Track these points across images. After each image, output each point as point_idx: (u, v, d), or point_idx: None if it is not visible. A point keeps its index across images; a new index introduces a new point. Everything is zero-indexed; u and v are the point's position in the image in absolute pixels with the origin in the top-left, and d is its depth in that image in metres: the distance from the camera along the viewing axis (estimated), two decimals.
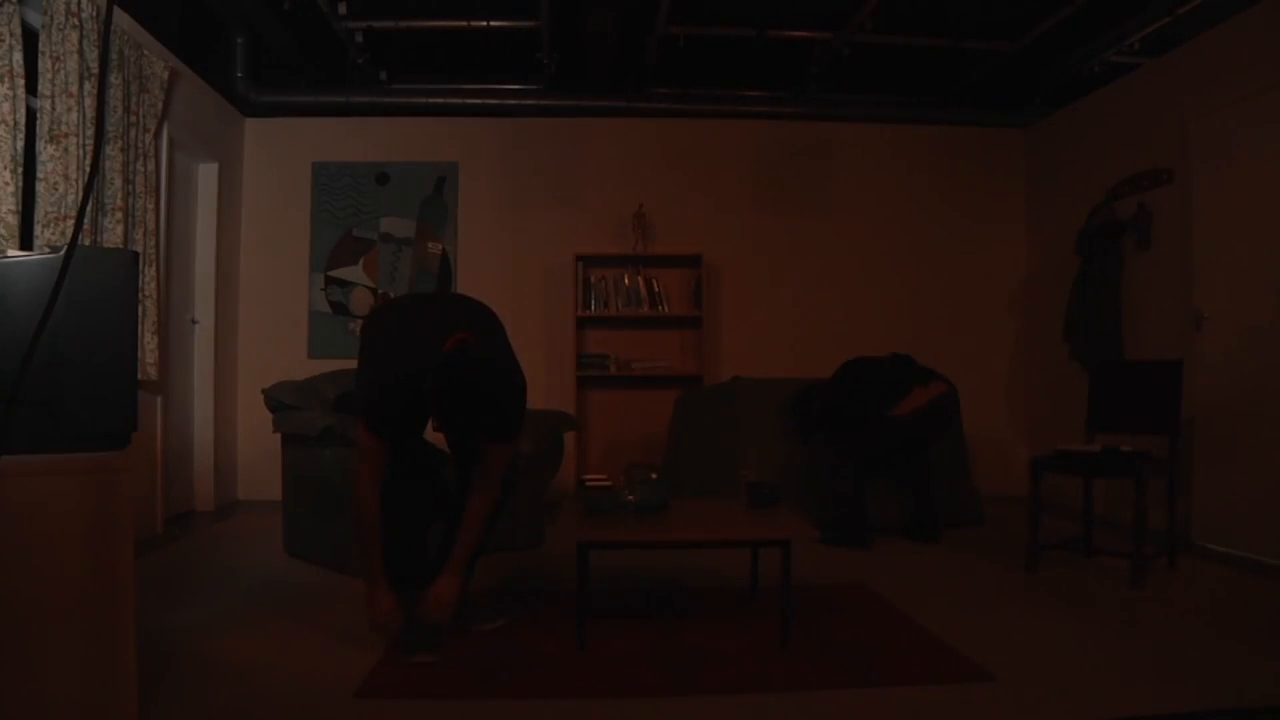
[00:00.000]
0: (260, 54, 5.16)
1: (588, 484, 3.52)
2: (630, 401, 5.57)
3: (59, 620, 1.66)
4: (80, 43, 3.32)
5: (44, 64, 3.23)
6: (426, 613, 2.50)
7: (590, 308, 5.41)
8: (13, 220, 3.01)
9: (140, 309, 3.84)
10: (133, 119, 3.84)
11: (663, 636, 2.67)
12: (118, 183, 3.67)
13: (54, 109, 3.24)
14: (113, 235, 3.66)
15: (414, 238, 5.52)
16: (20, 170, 3.05)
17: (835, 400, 4.38)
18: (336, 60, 5.12)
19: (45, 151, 3.22)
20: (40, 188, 3.21)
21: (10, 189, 3.00)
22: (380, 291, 5.48)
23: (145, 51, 3.95)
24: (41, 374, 1.64)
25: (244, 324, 5.42)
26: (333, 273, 5.48)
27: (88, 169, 3.34)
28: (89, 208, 3.49)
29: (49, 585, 1.66)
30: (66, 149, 3.27)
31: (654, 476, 3.08)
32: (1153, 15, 4.22)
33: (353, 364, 5.03)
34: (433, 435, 2.76)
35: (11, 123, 2.99)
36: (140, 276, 3.84)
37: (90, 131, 3.39)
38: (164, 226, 4.27)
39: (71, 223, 3.22)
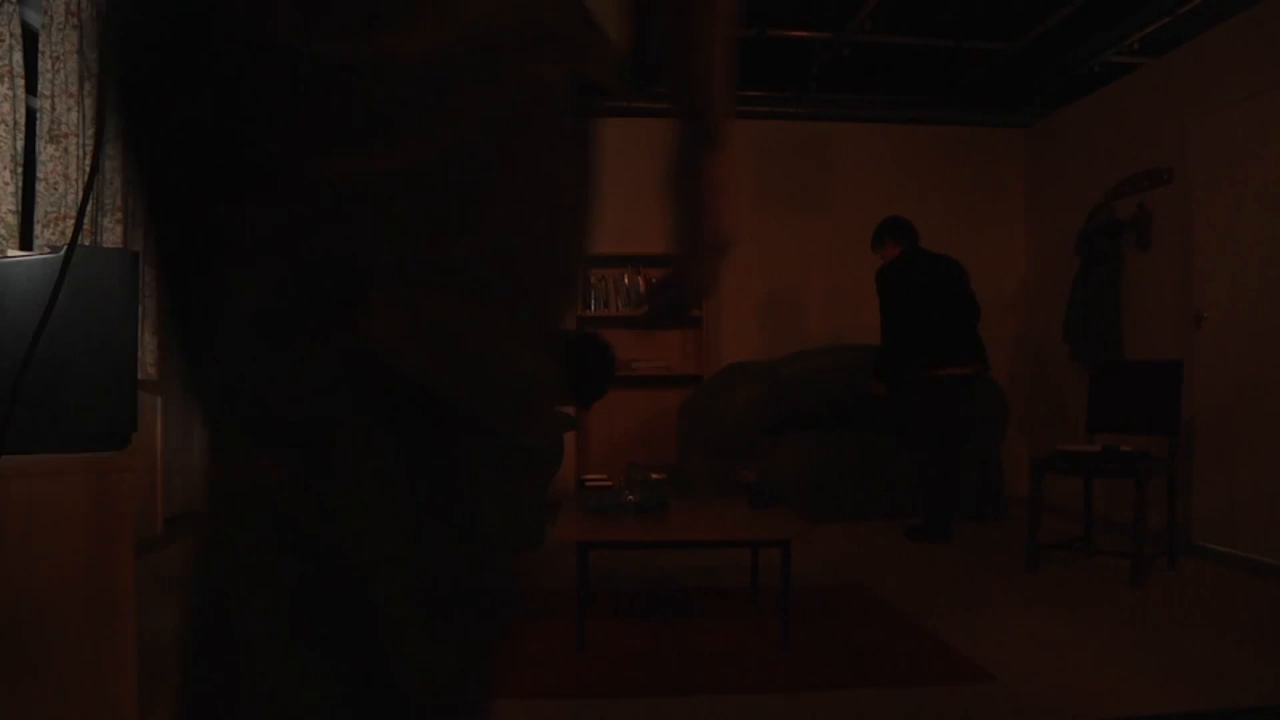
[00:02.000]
0: None
1: (588, 484, 3.53)
2: (630, 401, 5.57)
3: (59, 620, 1.66)
4: (80, 43, 3.32)
5: (44, 64, 3.23)
6: None
7: (590, 308, 5.41)
8: (13, 220, 3.01)
9: (140, 309, 3.84)
10: None
11: (663, 636, 2.67)
12: (118, 183, 3.67)
13: (54, 109, 3.24)
14: (113, 235, 3.66)
15: None
16: (20, 170, 3.05)
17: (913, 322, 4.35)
18: None
19: (45, 151, 3.22)
20: (40, 188, 3.21)
21: (10, 189, 3.00)
22: None
23: None
24: (41, 374, 1.64)
25: None
26: None
27: (88, 169, 3.34)
28: (89, 208, 3.49)
29: (49, 585, 1.66)
30: (66, 149, 3.27)
31: (654, 477, 3.08)
32: (1153, 15, 4.22)
33: None
34: None
35: (11, 123, 2.99)
36: (140, 276, 3.84)
37: (90, 131, 3.39)
38: None
39: (71, 223, 3.22)
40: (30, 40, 3.19)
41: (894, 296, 4.37)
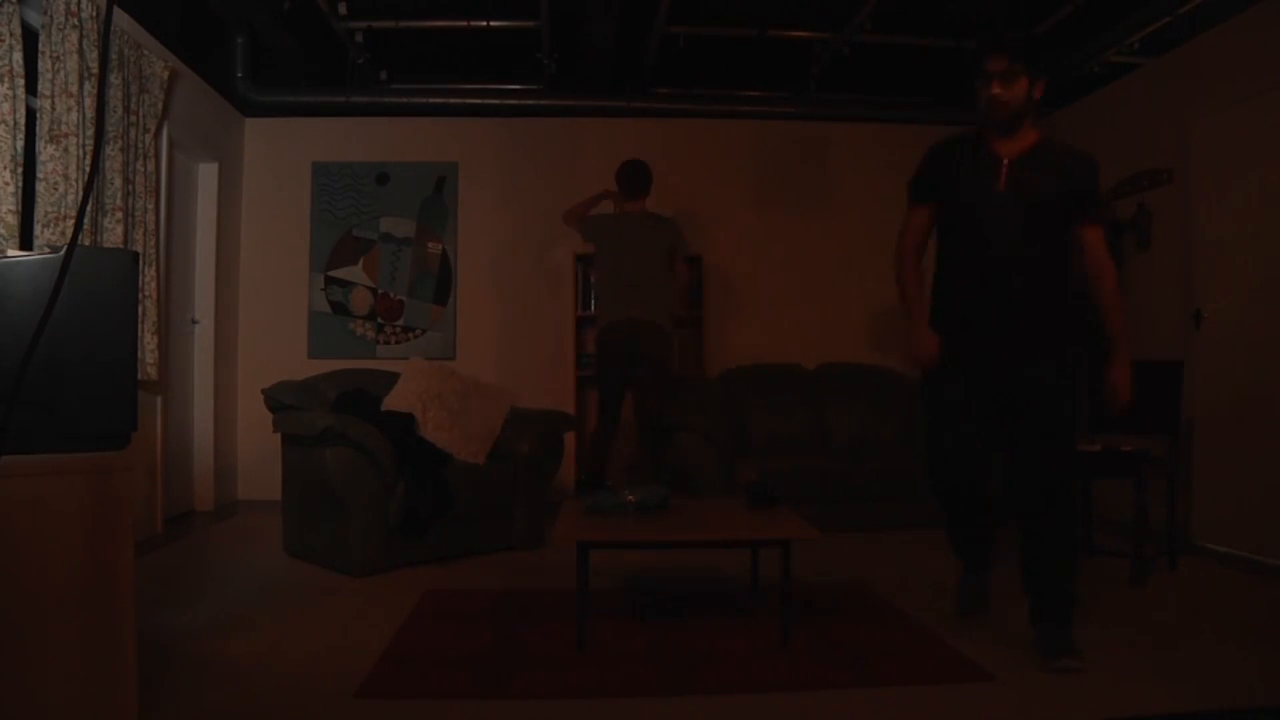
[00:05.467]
0: (260, 54, 5.16)
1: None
2: (630, 401, 5.56)
3: (59, 620, 1.66)
4: (80, 43, 3.32)
5: (44, 64, 3.23)
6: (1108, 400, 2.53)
7: (590, 308, 5.40)
8: (13, 220, 3.01)
9: (140, 309, 3.84)
10: (133, 119, 3.84)
11: (663, 636, 2.67)
12: (118, 183, 3.67)
13: (54, 109, 3.24)
14: (113, 235, 3.66)
15: (414, 238, 5.51)
16: (20, 170, 3.05)
17: None
18: (336, 60, 5.12)
19: (45, 151, 3.22)
20: (40, 188, 3.21)
21: (10, 189, 3.00)
22: (380, 291, 5.47)
23: (145, 51, 3.95)
24: (41, 374, 1.64)
25: (244, 324, 5.42)
26: (333, 273, 5.48)
27: (88, 169, 3.34)
28: (89, 208, 3.49)
29: (49, 585, 1.66)
30: (66, 149, 3.27)
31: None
32: (1153, 15, 4.22)
33: (352, 364, 5.03)
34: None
35: (11, 123, 2.99)
36: (140, 276, 3.84)
37: (90, 131, 3.39)
38: (164, 226, 4.27)
39: (71, 223, 3.22)
40: (30, 40, 3.19)
41: None
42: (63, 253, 1.49)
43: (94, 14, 3.41)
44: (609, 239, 4.42)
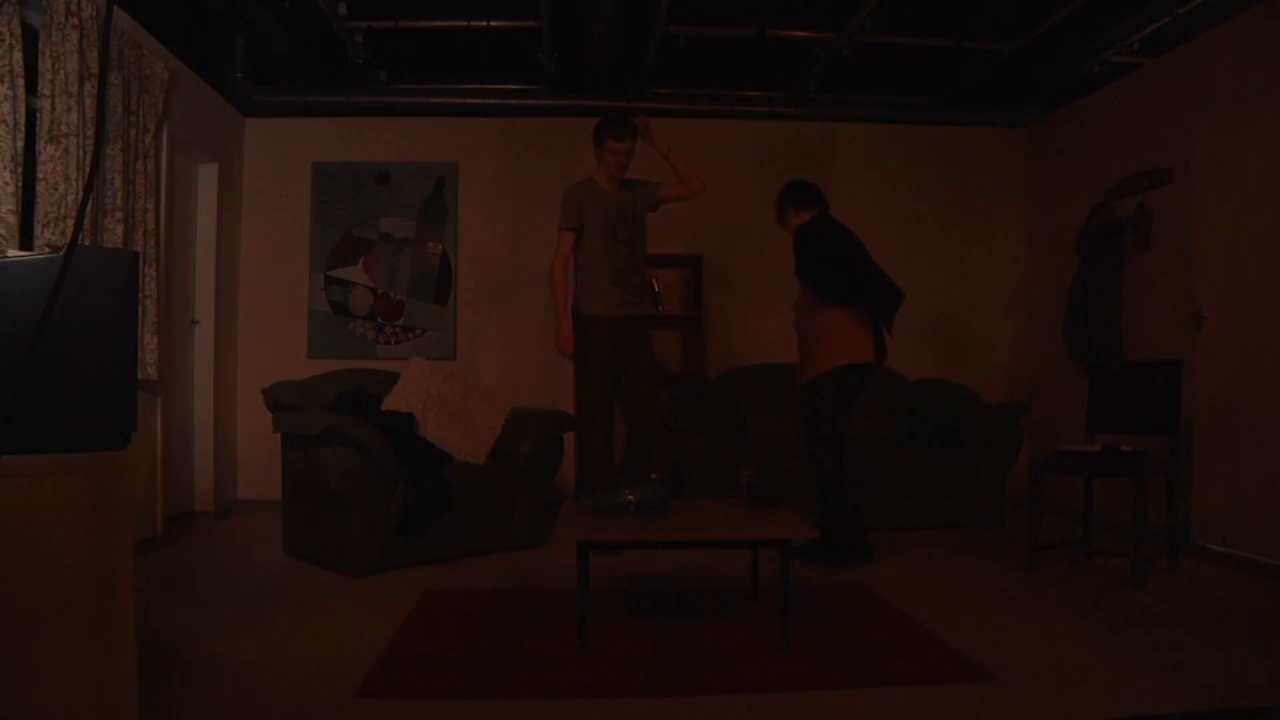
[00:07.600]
0: (260, 54, 5.16)
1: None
2: None
3: (59, 620, 1.66)
4: (80, 43, 3.32)
5: (44, 64, 3.23)
6: None
7: None
8: (13, 220, 3.01)
9: (140, 309, 3.85)
10: (133, 119, 3.84)
11: (663, 636, 2.68)
12: (118, 183, 3.67)
13: (54, 109, 3.24)
14: (113, 235, 3.66)
15: (414, 238, 5.51)
16: (20, 170, 3.05)
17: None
18: (336, 60, 5.11)
19: (45, 151, 3.22)
20: (40, 188, 3.21)
21: (10, 189, 3.00)
22: (380, 291, 5.47)
23: (145, 51, 3.95)
24: (41, 374, 1.64)
25: (244, 324, 5.42)
26: (333, 273, 5.48)
27: (88, 169, 3.34)
28: (89, 208, 3.49)
29: (48, 585, 1.66)
30: (66, 149, 3.27)
31: (654, 476, 3.08)
32: (1153, 15, 4.22)
33: (352, 364, 5.02)
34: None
35: (11, 123, 2.99)
36: (140, 276, 3.84)
37: (90, 131, 3.39)
38: (164, 226, 4.27)
39: (71, 223, 3.22)
40: (30, 40, 3.19)
41: None
42: (63, 253, 1.49)
43: (94, 14, 3.41)
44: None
